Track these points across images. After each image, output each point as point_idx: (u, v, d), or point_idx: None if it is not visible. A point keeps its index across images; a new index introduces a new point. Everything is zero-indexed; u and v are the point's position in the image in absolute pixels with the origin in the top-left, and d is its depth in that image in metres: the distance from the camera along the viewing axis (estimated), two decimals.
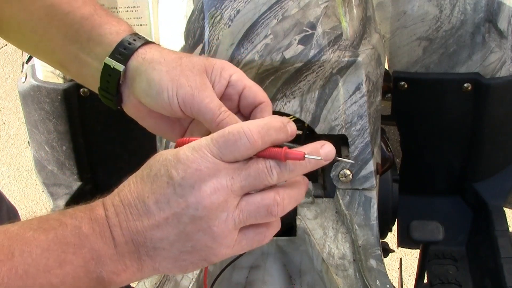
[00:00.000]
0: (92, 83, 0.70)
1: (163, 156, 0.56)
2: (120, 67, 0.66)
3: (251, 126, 0.55)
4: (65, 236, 0.54)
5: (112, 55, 0.66)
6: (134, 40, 0.67)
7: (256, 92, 0.66)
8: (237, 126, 0.55)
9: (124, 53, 0.66)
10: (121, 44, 0.67)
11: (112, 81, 0.67)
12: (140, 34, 0.70)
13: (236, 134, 0.55)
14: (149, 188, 0.55)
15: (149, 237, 0.55)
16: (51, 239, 0.53)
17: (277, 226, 0.61)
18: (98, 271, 0.55)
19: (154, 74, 0.64)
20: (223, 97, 0.66)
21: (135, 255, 0.56)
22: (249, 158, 0.56)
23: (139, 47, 0.67)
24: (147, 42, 0.68)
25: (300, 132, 0.97)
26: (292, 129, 0.59)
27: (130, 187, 0.56)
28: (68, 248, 0.54)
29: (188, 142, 0.57)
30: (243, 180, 0.55)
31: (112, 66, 0.66)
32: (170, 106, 0.64)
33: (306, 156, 0.56)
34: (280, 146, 0.57)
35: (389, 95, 1.28)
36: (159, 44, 0.70)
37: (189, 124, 0.71)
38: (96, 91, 0.71)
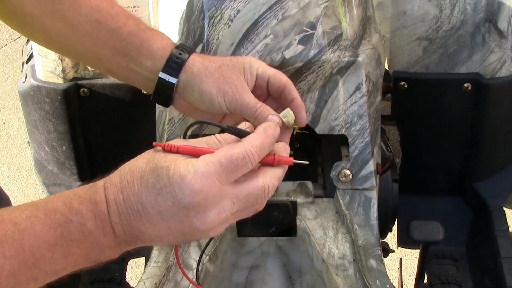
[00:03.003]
0: (142, 86, 0.84)
1: (170, 172, 0.60)
2: (174, 80, 0.79)
3: (253, 150, 0.63)
4: (71, 233, 0.59)
5: (165, 69, 0.79)
6: (180, 54, 0.79)
7: (279, 78, 0.78)
8: (241, 151, 0.62)
9: (175, 67, 0.79)
10: (170, 59, 0.79)
11: (167, 90, 0.80)
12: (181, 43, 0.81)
13: (242, 160, 0.62)
14: (154, 199, 0.60)
15: (148, 234, 0.62)
16: (58, 235, 0.59)
17: None
18: (97, 257, 0.62)
19: (204, 86, 0.77)
20: (255, 88, 0.79)
21: (131, 243, 0.63)
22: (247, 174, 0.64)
23: (186, 60, 0.79)
24: (189, 53, 0.80)
25: (302, 131, 0.97)
26: (277, 134, 0.68)
27: (134, 189, 0.61)
28: (73, 243, 0.59)
29: (167, 148, 0.62)
30: (243, 204, 0.63)
31: (166, 80, 0.79)
32: (220, 109, 0.77)
33: (294, 161, 0.67)
34: None
35: (389, 95, 1.28)
36: (197, 53, 0.81)
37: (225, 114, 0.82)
38: (145, 92, 0.85)
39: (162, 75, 0.79)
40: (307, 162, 0.72)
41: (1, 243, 0.56)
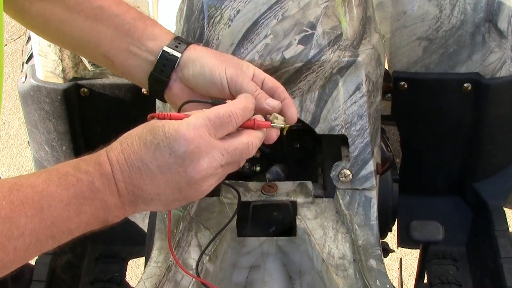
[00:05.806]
0: (135, 73, 0.85)
1: (165, 128, 0.67)
2: (178, 54, 0.81)
3: (237, 111, 0.70)
4: (82, 191, 0.66)
5: (170, 45, 0.82)
6: (182, 40, 0.83)
7: (273, 81, 0.82)
8: (227, 110, 0.70)
9: (180, 44, 0.82)
10: (176, 39, 0.82)
11: (169, 65, 0.81)
12: None
13: (228, 117, 0.69)
14: (152, 154, 0.67)
15: (147, 191, 0.68)
16: (71, 194, 0.65)
17: None
18: (105, 216, 0.68)
19: (206, 59, 0.80)
20: None
21: (134, 203, 0.69)
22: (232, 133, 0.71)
23: (189, 43, 0.82)
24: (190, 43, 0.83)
25: (294, 127, 0.97)
26: (254, 104, 0.75)
27: (134, 148, 0.67)
28: (84, 201, 0.66)
29: (161, 116, 0.69)
30: (230, 157, 0.70)
31: (170, 53, 0.81)
32: (220, 83, 0.79)
33: (272, 125, 0.76)
34: None
35: (389, 95, 1.28)
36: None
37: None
38: (137, 81, 0.86)
39: (167, 49, 0.82)
40: (283, 125, 0.77)
41: (23, 204, 0.62)
